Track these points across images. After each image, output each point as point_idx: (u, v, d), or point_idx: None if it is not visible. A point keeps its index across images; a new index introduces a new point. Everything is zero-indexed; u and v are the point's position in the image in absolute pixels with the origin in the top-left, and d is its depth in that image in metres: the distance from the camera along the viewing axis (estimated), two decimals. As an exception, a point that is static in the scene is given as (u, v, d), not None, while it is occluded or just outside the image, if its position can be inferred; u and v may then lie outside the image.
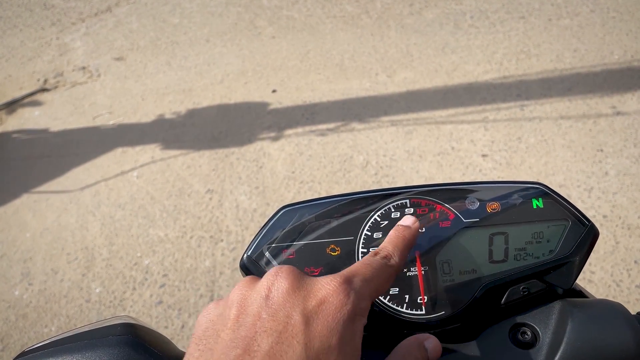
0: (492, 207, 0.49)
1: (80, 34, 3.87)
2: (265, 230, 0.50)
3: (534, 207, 0.49)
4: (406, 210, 0.50)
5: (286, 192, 2.37)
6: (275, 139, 2.67)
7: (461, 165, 2.34)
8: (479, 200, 0.49)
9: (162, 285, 2.06)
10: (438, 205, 0.50)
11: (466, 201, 0.50)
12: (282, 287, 0.37)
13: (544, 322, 0.46)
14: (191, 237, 2.22)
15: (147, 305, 1.99)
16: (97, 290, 2.09)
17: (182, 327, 1.90)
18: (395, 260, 0.43)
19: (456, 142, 2.46)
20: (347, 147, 2.54)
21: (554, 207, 0.49)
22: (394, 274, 0.42)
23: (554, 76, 2.76)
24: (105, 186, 2.56)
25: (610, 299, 1.71)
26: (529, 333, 0.46)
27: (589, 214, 2.06)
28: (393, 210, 0.50)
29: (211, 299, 1.97)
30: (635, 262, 1.88)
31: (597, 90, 2.63)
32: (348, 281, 0.38)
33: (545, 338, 0.45)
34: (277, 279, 0.38)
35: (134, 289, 2.07)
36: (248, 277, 0.40)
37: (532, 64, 2.86)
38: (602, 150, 2.31)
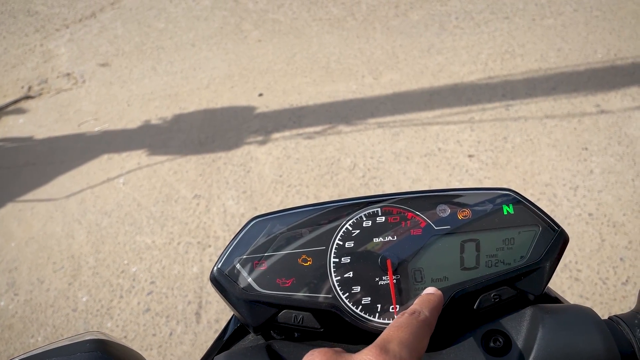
0: (463, 214, 0.49)
1: (64, 40, 3.84)
2: (235, 242, 0.50)
3: (505, 213, 0.49)
4: (378, 218, 0.49)
5: (274, 196, 2.36)
6: (263, 142, 2.66)
7: (448, 166, 2.35)
8: (450, 207, 0.49)
9: (150, 293, 2.04)
10: (409, 214, 0.49)
11: (437, 209, 0.49)
12: None
13: (516, 329, 0.46)
14: (179, 244, 2.21)
15: (134, 313, 1.98)
16: (84, 299, 2.07)
17: (170, 334, 1.89)
18: (424, 314, 0.41)
19: (443, 143, 2.47)
20: (335, 150, 2.54)
21: (525, 213, 0.49)
22: (427, 329, 0.40)
23: (539, 76, 2.78)
24: (91, 193, 2.54)
25: (597, 296, 1.71)
26: (501, 340, 0.46)
27: (574, 212, 2.07)
28: (365, 219, 0.50)
29: (199, 306, 1.96)
30: (621, 259, 1.89)
31: (582, 89, 2.65)
32: (384, 349, 0.36)
33: (518, 344, 0.45)
34: None
35: (121, 296, 2.05)
36: None
37: (517, 63, 2.88)
38: (587, 149, 2.33)
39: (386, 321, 0.47)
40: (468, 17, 3.31)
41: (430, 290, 0.47)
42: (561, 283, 1.84)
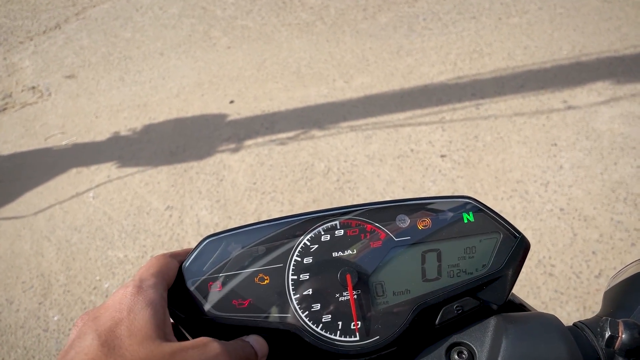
0: (424, 224, 0.48)
1: (28, 53, 3.75)
2: (188, 264, 0.47)
3: (465, 221, 0.48)
4: (336, 232, 0.48)
5: (248, 204, 2.33)
6: (235, 150, 2.63)
7: (421, 166, 2.36)
8: (410, 217, 0.48)
9: (124, 309, 1.99)
10: (369, 225, 0.48)
11: (397, 220, 0.48)
12: None
13: (480, 340, 0.45)
14: (152, 257, 2.16)
15: (108, 331, 1.93)
16: (55, 319, 2.01)
17: (146, 350, 1.85)
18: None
19: (415, 144, 2.48)
20: (308, 155, 2.52)
21: (485, 221, 0.48)
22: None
23: (507, 74, 2.81)
24: (60, 209, 2.47)
25: (572, 290, 1.71)
26: (465, 352, 0.44)
27: (546, 208, 2.09)
28: (323, 233, 0.48)
29: (175, 320, 1.92)
30: (594, 252, 1.92)
31: (549, 85, 2.69)
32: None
33: (482, 356, 0.44)
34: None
35: (94, 314, 2.00)
36: None
37: (485, 63, 2.91)
38: (556, 145, 2.36)
39: (348, 338, 0.45)
40: (436, 18, 3.34)
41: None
42: (536, 279, 1.85)
